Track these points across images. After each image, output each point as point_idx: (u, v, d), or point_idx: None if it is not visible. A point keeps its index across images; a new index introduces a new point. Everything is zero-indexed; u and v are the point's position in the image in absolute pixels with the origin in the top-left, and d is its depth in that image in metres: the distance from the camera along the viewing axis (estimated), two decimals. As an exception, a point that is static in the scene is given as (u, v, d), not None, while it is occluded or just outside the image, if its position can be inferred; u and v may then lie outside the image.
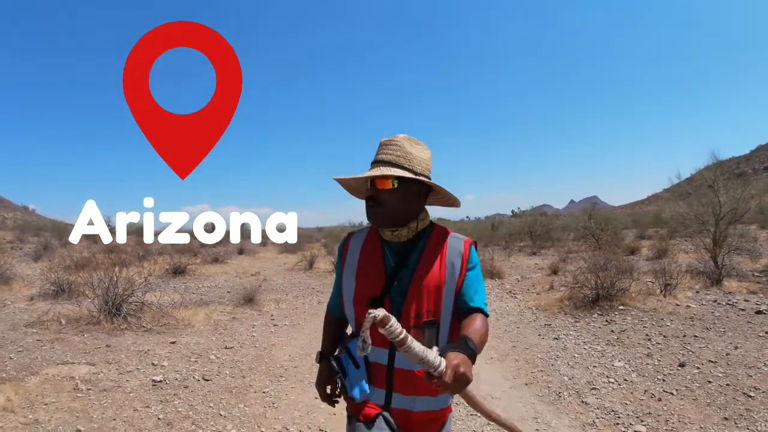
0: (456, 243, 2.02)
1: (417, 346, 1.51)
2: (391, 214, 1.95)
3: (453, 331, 1.95)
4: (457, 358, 1.50)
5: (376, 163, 1.99)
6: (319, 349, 2.29)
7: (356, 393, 1.98)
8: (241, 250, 26.11)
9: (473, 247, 2.05)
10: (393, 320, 1.50)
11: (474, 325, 1.80)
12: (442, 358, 1.51)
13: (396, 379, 1.95)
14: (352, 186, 2.16)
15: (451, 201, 2.15)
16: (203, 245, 27.88)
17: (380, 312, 1.50)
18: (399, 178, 1.93)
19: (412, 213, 1.99)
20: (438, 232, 2.05)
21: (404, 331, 1.51)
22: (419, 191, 2.00)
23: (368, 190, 1.98)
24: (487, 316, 1.92)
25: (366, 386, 1.97)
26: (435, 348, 1.55)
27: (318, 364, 2.28)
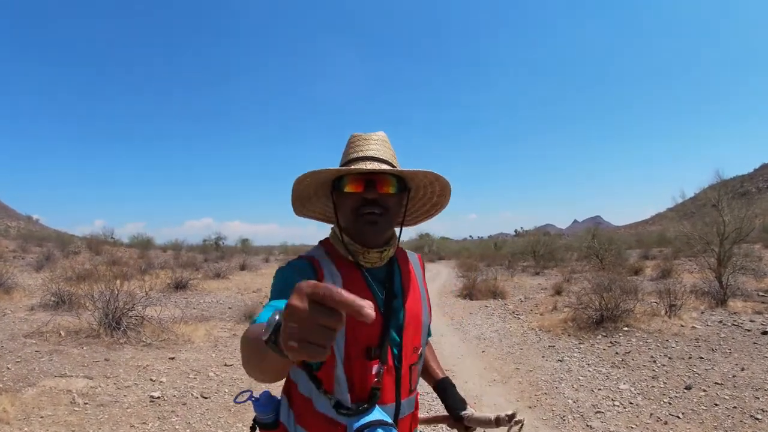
0: (413, 259, 1.83)
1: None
2: (389, 226, 1.61)
3: None
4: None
5: (362, 159, 1.59)
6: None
7: None
8: (243, 266, 26.11)
9: None
10: None
11: (436, 359, 1.97)
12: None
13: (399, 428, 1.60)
14: (309, 194, 1.72)
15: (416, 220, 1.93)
16: (206, 260, 27.93)
17: (523, 416, 1.73)
18: (400, 180, 1.61)
19: (393, 228, 1.69)
20: (398, 250, 1.77)
21: None
22: (402, 204, 1.69)
23: (359, 194, 1.54)
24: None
25: None
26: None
27: None
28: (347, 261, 1.60)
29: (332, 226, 1.72)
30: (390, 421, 1.46)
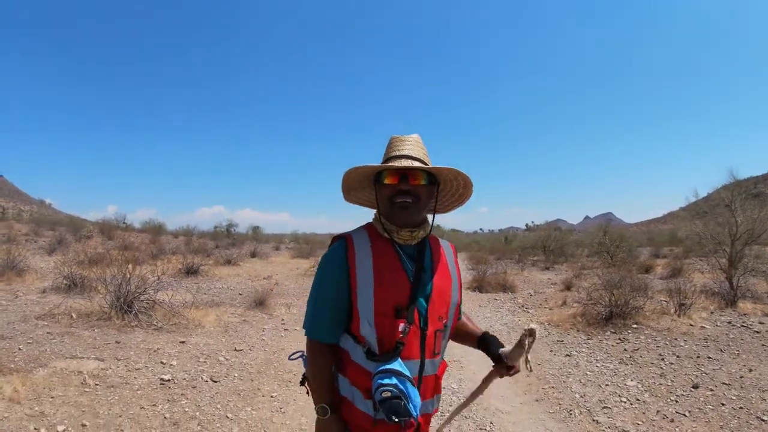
0: (446, 246, 2.13)
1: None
2: (421, 211, 1.94)
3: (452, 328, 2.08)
4: None
5: (399, 157, 1.92)
6: (322, 402, 1.91)
7: (416, 411, 1.73)
8: (253, 253, 26.18)
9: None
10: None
11: (475, 324, 2.28)
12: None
13: (422, 387, 1.89)
14: (355, 185, 2.10)
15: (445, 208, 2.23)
16: (217, 246, 28.03)
17: (534, 326, 1.88)
18: (430, 175, 1.93)
19: (424, 214, 2.02)
20: (431, 236, 2.08)
21: None
22: (433, 194, 2.02)
23: (395, 186, 1.88)
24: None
25: (419, 401, 1.79)
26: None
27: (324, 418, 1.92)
28: (384, 238, 1.95)
29: (374, 211, 2.08)
30: (407, 373, 1.75)
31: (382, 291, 1.83)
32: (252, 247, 29.16)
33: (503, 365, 2.07)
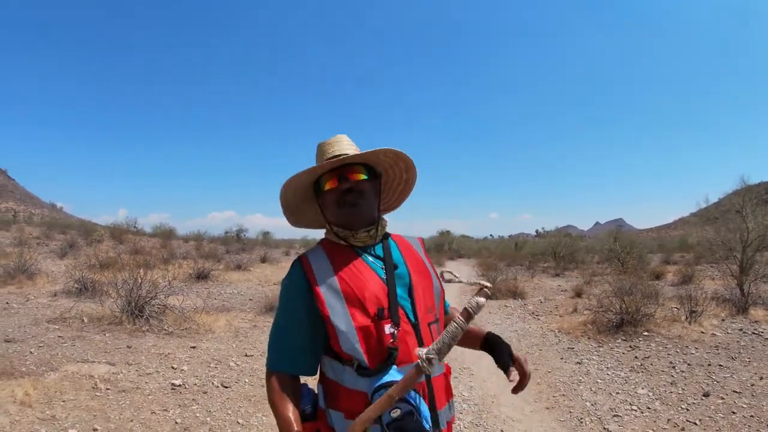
0: (412, 240, 2.01)
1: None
2: (370, 208, 1.82)
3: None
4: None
5: (332, 158, 1.79)
6: None
7: (428, 424, 1.50)
8: (264, 259, 26.23)
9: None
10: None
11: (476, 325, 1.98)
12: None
13: (435, 392, 1.67)
14: (297, 203, 1.93)
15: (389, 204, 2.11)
16: (227, 251, 28.09)
17: (482, 299, 1.51)
18: (370, 170, 1.84)
19: (375, 211, 1.87)
20: (392, 235, 1.96)
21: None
22: (376, 188, 1.88)
23: (336, 187, 1.76)
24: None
25: (429, 413, 1.56)
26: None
27: None
28: (343, 247, 1.80)
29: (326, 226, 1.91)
30: None
31: (354, 299, 1.63)
32: (262, 252, 29.24)
33: (512, 372, 1.82)
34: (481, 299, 1.49)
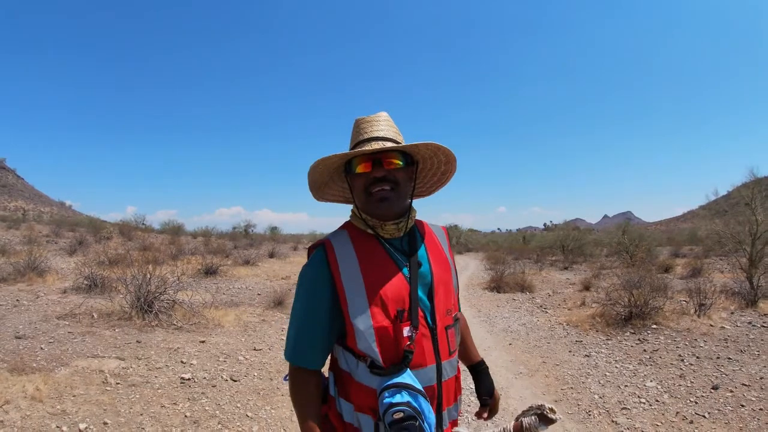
0: (437, 229, 1.95)
1: None
2: (402, 199, 1.71)
3: None
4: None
5: (368, 140, 1.69)
6: None
7: (431, 430, 1.50)
8: (272, 254, 26.28)
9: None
10: None
11: (471, 338, 2.07)
12: None
13: (444, 394, 1.67)
14: (323, 180, 1.84)
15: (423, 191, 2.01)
16: (235, 247, 28.16)
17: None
18: (406, 156, 1.73)
19: (406, 200, 1.77)
20: (418, 221, 1.89)
21: None
22: (411, 176, 1.79)
23: (368, 174, 1.66)
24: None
25: (434, 418, 1.55)
26: None
27: None
28: (367, 235, 1.72)
29: (352, 207, 1.83)
30: (419, 387, 1.52)
31: (376, 297, 1.59)
32: (270, 247, 29.31)
33: (485, 410, 1.99)
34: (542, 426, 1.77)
